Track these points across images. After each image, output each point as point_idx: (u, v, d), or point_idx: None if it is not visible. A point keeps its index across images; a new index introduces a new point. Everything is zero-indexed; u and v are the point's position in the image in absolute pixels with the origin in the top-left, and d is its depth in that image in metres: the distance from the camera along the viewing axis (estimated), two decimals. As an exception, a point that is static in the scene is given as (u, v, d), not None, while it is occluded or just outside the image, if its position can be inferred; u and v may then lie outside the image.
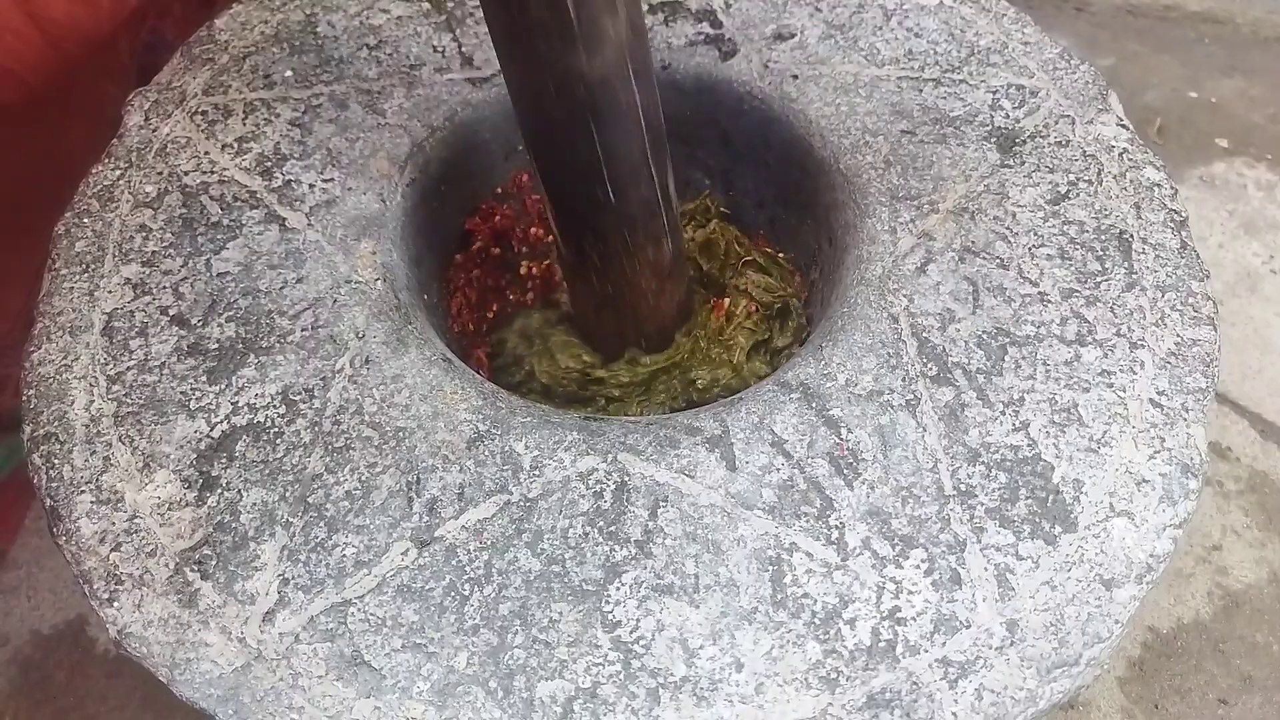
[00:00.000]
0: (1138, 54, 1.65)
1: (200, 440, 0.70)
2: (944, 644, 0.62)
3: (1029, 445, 0.70)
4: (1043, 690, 0.61)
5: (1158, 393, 0.73)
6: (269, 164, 0.85)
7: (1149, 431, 0.71)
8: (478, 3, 0.95)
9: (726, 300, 0.92)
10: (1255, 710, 1.03)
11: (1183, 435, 0.71)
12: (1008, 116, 0.88)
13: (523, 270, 0.97)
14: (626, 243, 0.75)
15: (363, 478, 0.68)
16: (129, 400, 0.72)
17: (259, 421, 0.71)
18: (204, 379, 0.73)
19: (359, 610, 0.63)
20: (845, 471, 0.69)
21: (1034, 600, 0.64)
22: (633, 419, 0.73)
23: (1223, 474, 1.20)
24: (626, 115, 0.67)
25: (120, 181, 0.84)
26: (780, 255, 0.98)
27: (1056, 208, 0.82)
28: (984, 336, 0.75)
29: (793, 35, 0.94)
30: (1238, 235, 1.42)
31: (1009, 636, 0.63)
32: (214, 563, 0.65)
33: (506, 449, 0.70)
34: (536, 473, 0.69)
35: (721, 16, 0.96)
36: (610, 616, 0.63)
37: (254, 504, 0.67)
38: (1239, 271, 1.38)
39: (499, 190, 0.98)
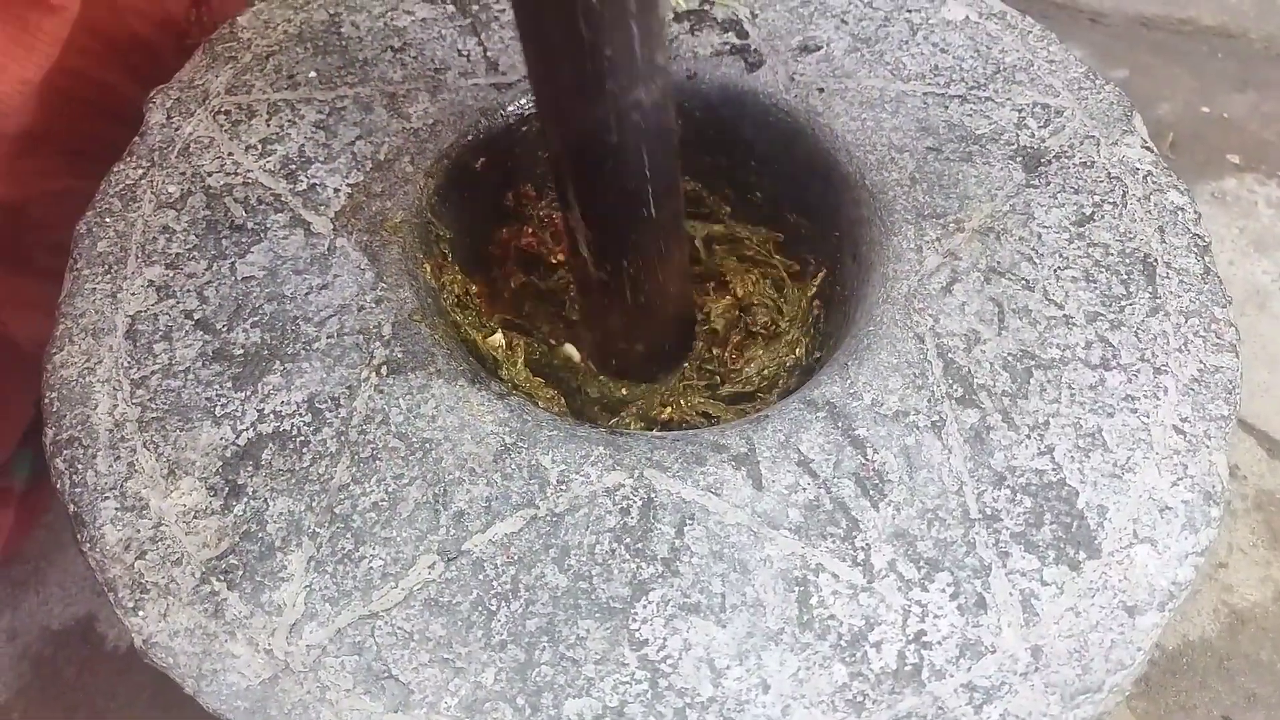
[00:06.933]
0: (1151, 66, 1.65)
1: (226, 448, 0.70)
2: (969, 669, 0.63)
3: (1054, 469, 0.70)
4: (1066, 717, 0.61)
5: (1181, 419, 0.73)
6: (293, 166, 0.84)
7: (1172, 458, 0.71)
8: (502, 6, 0.96)
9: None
10: (1259, 728, 1.04)
11: (1205, 463, 0.71)
12: (1033, 135, 0.88)
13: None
14: (662, 252, 0.77)
15: (389, 489, 0.68)
16: (153, 405, 0.72)
17: (285, 430, 0.71)
18: (229, 385, 0.73)
19: (386, 623, 0.63)
20: (871, 492, 0.69)
21: (1058, 626, 0.64)
22: (659, 434, 0.73)
23: (1229, 492, 1.20)
24: (670, 134, 0.69)
25: (142, 181, 0.83)
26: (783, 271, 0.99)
27: (1081, 229, 0.82)
28: (1009, 359, 0.75)
29: (819, 47, 0.94)
30: (1248, 253, 1.42)
31: (1033, 662, 0.63)
32: (240, 572, 0.65)
33: (533, 462, 0.70)
34: (563, 487, 0.68)
35: (748, 27, 0.95)
36: (637, 635, 0.63)
37: (280, 513, 0.67)
38: (1248, 289, 1.38)
39: (511, 197, 0.98)
